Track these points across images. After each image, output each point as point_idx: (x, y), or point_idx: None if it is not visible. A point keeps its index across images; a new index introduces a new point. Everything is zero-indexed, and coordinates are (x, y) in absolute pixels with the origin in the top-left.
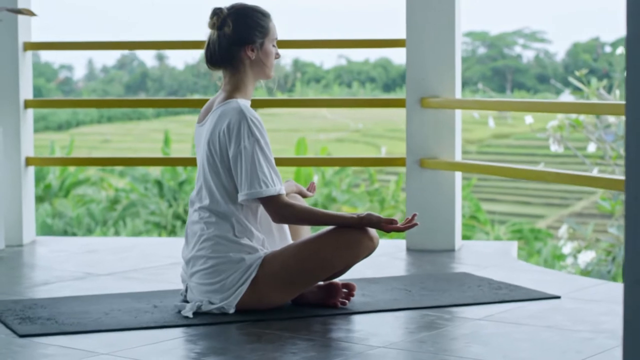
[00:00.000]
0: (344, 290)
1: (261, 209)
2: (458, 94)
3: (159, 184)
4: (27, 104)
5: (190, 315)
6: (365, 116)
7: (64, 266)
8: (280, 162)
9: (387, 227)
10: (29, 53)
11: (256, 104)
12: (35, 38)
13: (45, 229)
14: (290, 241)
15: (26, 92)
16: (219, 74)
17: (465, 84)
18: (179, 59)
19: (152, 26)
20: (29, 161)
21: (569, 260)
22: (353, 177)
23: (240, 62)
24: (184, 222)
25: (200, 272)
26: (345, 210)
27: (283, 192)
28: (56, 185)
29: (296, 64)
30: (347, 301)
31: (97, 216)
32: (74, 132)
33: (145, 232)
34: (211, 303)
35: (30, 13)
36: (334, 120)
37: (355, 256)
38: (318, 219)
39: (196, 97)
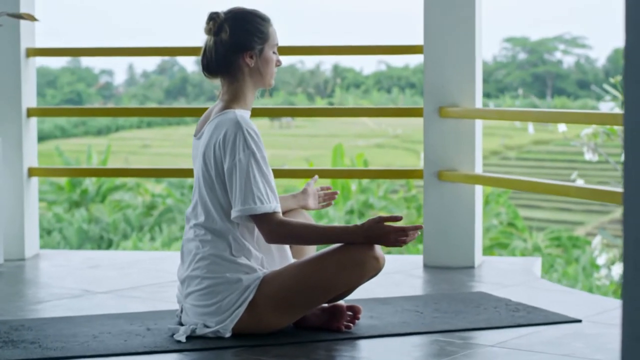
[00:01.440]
0: (349, 313)
1: (254, 227)
2: (478, 103)
3: None
4: (30, 113)
5: (183, 340)
6: (405, 122)
7: (62, 283)
8: (289, 173)
9: (396, 240)
10: (33, 59)
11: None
12: (43, 44)
13: (81, 235)
14: (291, 260)
15: (29, 99)
16: (216, 82)
17: (505, 89)
18: None
19: (156, 32)
20: (31, 172)
21: (603, 272)
22: (390, 183)
23: (238, 69)
24: None
25: (195, 293)
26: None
27: (279, 209)
28: (93, 190)
29: (336, 69)
30: (351, 325)
31: (133, 222)
32: (113, 137)
33: (182, 238)
34: (206, 326)
35: (32, 18)
36: (373, 126)
37: (359, 277)
38: (315, 236)
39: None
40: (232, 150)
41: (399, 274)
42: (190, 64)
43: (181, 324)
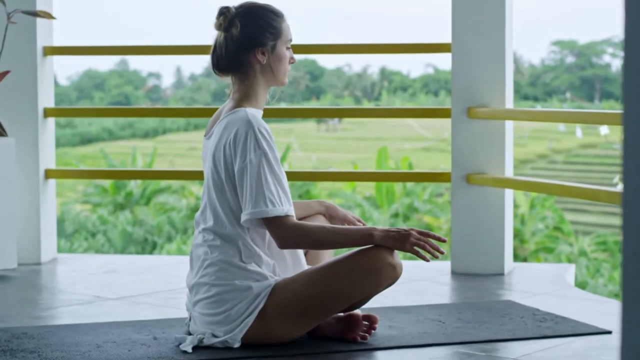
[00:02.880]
0: (365, 322)
1: (265, 232)
2: (509, 104)
3: None
4: (47, 113)
5: (189, 350)
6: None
7: (74, 288)
8: (315, 176)
9: (416, 242)
10: (50, 58)
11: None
12: (63, 42)
13: (125, 237)
14: (305, 267)
15: (46, 99)
16: (227, 80)
17: (553, 92)
18: None
19: (160, 32)
20: (48, 174)
21: None
22: (435, 186)
23: (249, 67)
24: None
25: (203, 301)
26: (427, 220)
27: (292, 212)
28: (137, 193)
29: (383, 72)
30: (367, 335)
31: (177, 224)
32: (160, 140)
33: None
34: (214, 336)
35: (49, 16)
36: (420, 129)
37: (375, 285)
38: (331, 237)
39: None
40: (242, 150)
41: (425, 281)
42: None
43: (189, 334)
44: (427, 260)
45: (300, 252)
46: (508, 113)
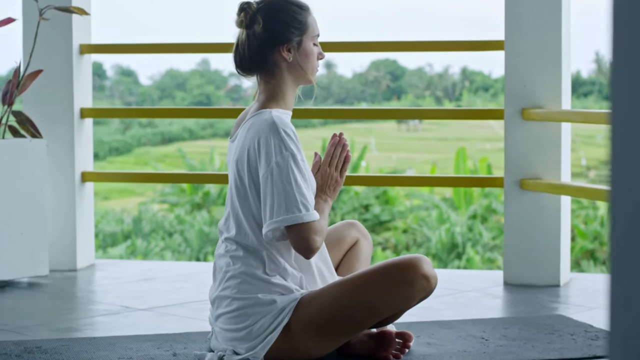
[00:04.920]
0: (398, 340)
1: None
2: (565, 105)
3: None
4: (84, 113)
5: None
6: None
7: (104, 297)
8: (357, 180)
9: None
10: (87, 57)
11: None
12: (100, 40)
13: (202, 237)
14: (335, 278)
15: (83, 99)
16: (253, 81)
17: None
18: (347, 67)
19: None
20: (85, 177)
21: None
22: None
23: (275, 65)
24: None
25: (225, 316)
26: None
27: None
28: (215, 193)
29: (464, 72)
30: (400, 354)
31: None
32: None
33: None
34: (235, 353)
35: (83, 12)
36: (500, 130)
37: (407, 299)
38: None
39: (358, 106)
40: (267, 154)
41: (474, 293)
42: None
43: (211, 350)
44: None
45: (330, 262)
46: (564, 114)
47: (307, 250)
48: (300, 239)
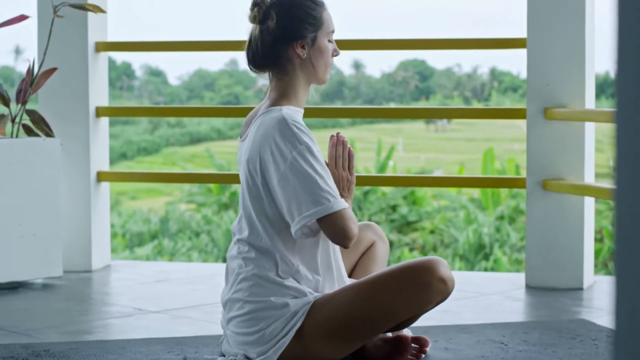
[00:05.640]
0: (414, 345)
1: (314, 241)
2: (589, 104)
3: None
4: (99, 112)
5: None
6: None
7: (118, 299)
8: (377, 181)
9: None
10: (103, 55)
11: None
12: (117, 38)
13: (229, 237)
14: (347, 280)
15: (99, 98)
16: (265, 78)
17: None
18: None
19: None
20: (100, 176)
21: None
22: None
23: (288, 62)
24: None
25: (236, 319)
26: None
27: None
28: None
29: (493, 73)
30: (416, 359)
31: None
32: None
33: None
34: (247, 358)
35: (98, 9)
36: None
37: (423, 303)
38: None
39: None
40: (281, 152)
41: (495, 296)
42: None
43: (223, 354)
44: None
45: (342, 264)
46: (588, 114)
47: (345, 238)
48: (336, 228)
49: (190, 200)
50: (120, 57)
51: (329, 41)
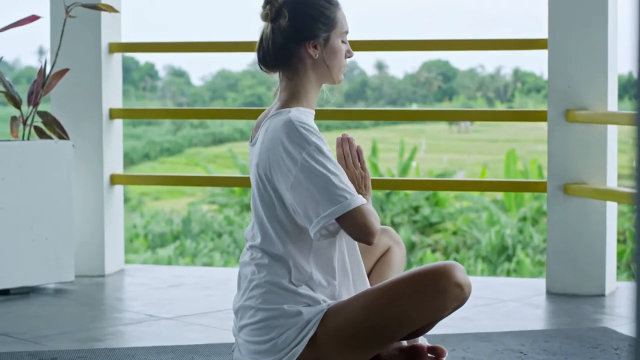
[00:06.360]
0: (430, 355)
1: (331, 245)
2: (612, 106)
3: None
4: (113, 114)
5: None
6: None
7: (130, 304)
8: (394, 184)
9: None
10: (117, 55)
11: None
12: (133, 39)
13: None
14: (367, 285)
15: (112, 100)
16: (275, 78)
17: None
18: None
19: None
20: (114, 179)
21: None
22: None
23: (299, 62)
24: None
25: (249, 327)
26: None
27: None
28: None
29: (516, 73)
30: None
31: None
32: None
33: None
34: None
35: (112, 9)
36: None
37: (440, 309)
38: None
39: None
40: (290, 155)
41: (515, 302)
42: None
43: None
44: None
45: (364, 271)
46: (610, 116)
47: (368, 234)
48: (357, 225)
49: (213, 201)
50: (143, 57)
51: (343, 42)
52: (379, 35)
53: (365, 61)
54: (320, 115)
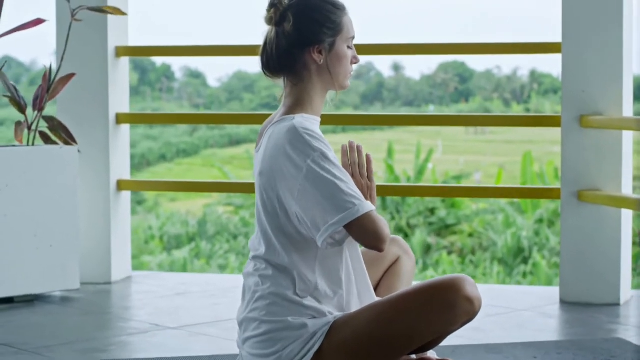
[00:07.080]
0: None
1: (337, 254)
2: (627, 111)
3: None
4: (120, 119)
5: None
6: None
7: (136, 313)
8: (404, 190)
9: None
10: (124, 59)
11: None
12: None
13: None
14: (374, 298)
15: (119, 104)
16: (280, 83)
17: None
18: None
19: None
20: (121, 185)
21: None
22: None
23: (304, 67)
24: (406, 235)
25: (253, 339)
26: None
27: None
28: None
29: (533, 74)
30: None
31: None
32: None
33: None
34: None
35: (118, 12)
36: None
37: (449, 323)
38: None
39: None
40: (294, 163)
41: (528, 312)
42: (387, 69)
43: None
44: None
45: (369, 281)
46: (625, 122)
47: (378, 241)
48: (366, 232)
49: (229, 203)
50: (159, 59)
51: (349, 47)
52: (380, 36)
53: (381, 62)
54: (335, 120)
